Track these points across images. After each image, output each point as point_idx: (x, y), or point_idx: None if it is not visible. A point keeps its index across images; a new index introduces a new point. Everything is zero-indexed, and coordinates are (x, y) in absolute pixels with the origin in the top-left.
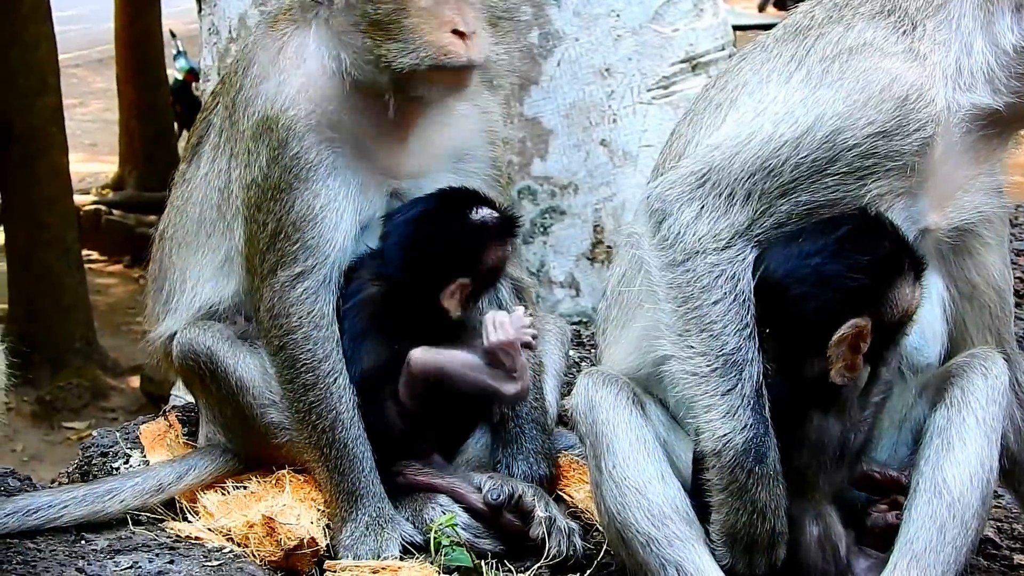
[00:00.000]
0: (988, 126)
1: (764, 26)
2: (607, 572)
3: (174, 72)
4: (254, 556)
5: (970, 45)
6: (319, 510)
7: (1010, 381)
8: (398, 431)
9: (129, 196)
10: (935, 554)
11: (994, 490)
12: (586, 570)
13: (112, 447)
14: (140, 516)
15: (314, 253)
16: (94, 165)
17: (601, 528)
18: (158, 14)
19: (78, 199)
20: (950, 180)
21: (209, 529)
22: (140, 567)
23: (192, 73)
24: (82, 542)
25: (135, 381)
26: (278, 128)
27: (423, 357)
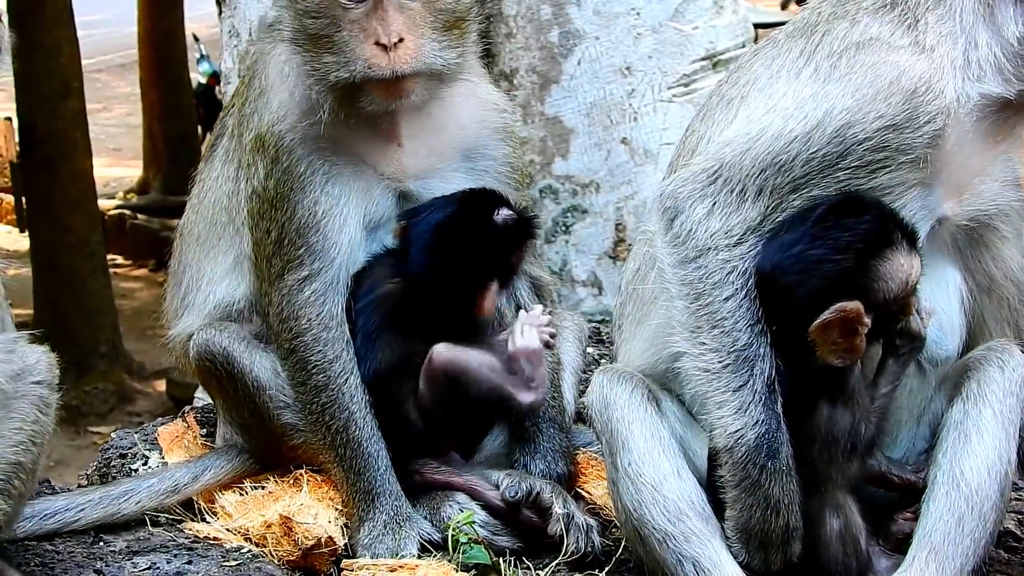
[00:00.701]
0: (1000, 111)
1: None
2: (625, 568)
3: (197, 76)
4: (272, 556)
5: (975, 36)
6: (337, 509)
7: None
8: (417, 428)
9: (153, 200)
10: (954, 546)
11: (1013, 483)
12: (604, 567)
13: (131, 449)
14: (158, 517)
15: (320, 257)
16: (118, 170)
17: (618, 524)
18: (181, 18)
19: (103, 204)
20: (965, 168)
21: (227, 529)
22: (158, 568)
23: (215, 77)
24: (100, 543)
25: (161, 385)
26: (269, 144)
27: (447, 354)
